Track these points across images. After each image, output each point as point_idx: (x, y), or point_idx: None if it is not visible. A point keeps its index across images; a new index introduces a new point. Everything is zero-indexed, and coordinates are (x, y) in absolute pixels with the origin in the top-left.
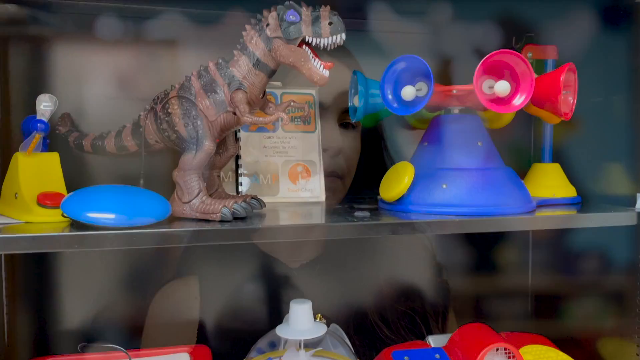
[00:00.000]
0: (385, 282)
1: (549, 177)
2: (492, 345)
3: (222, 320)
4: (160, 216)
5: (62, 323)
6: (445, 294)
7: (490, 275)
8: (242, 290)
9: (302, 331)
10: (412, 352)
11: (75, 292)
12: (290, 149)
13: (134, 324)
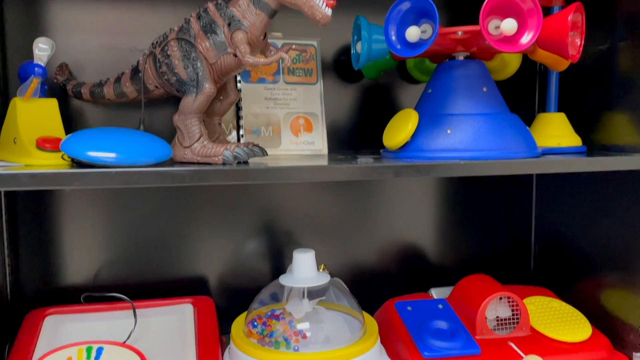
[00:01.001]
0: (387, 236)
1: (554, 127)
2: (495, 294)
3: (225, 273)
4: (161, 157)
5: (66, 274)
6: (448, 247)
7: (493, 229)
8: (244, 245)
9: (305, 279)
10: (415, 303)
11: (78, 245)
12: (291, 100)
13: (137, 278)
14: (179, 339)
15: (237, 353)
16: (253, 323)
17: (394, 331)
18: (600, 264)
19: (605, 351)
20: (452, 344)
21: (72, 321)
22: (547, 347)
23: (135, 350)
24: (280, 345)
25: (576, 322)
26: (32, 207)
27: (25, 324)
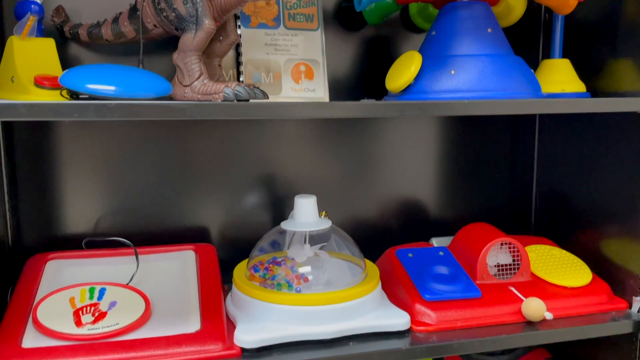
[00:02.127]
0: (388, 188)
1: (559, 73)
2: (496, 240)
3: (226, 223)
4: (161, 92)
5: (66, 223)
6: (449, 198)
7: (494, 181)
8: (245, 196)
9: (307, 224)
10: (416, 250)
11: (79, 193)
12: (292, 47)
13: (138, 227)
14: (182, 284)
15: (239, 295)
16: (255, 268)
17: (395, 277)
18: (601, 214)
19: (605, 296)
20: (453, 287)
21: (73, 265)
22: (547, 292)
23: (138, 291)
24: (282, 287)
25: (576, 268)
26: (32, 152)
27: (26, 268)
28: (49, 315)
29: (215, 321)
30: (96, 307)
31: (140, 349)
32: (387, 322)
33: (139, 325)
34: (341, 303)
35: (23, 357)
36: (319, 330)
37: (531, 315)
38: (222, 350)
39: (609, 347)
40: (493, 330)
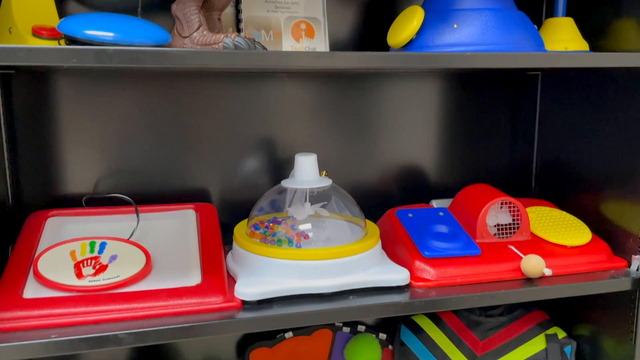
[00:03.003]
0: (389, 151)
1: (562, 31)
2: (496, 199)
3: (226, 185)
4: (160, 40)
5: (66, 183)
6: (449, 162)
7: (495, 144)
8: (245, 158)
9: (307, 181)
10: (416, 211)
11: (79, 154)
12: (293, 4)
13: (138, 187)
14: (182, 241)
15: (239, 251)
16: (255, 226)
17: (395, 236)
18: (601, 176)
19: (604, 254)
20: (452, 244)
21: (74, 222)
22: (547, 251)
23: (138, 246)
24: (283, 243)
25: (576, 228)
26: (31, 111)
27: (27, 224)
28: (49, 267)
29: (216, 275)
30: (97, 260)
31: (141, 300)
32: (387, 277)
33: (139, 278)
34: (341, 258)
35: (24, 307)
36: (319, 284)
37: (530, 271)
38: (222, 303)
39: (607, 307)
40: (492, 286)
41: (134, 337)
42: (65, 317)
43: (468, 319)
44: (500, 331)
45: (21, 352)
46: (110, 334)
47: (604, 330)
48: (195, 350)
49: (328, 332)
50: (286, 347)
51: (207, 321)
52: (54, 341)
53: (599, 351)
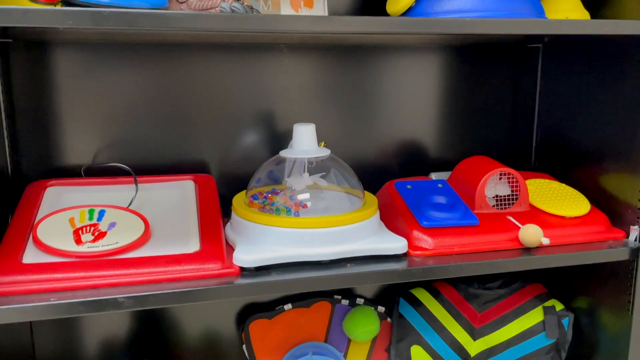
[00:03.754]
0: (388, 125)
1: (563, 1)
2: (495, 170)
3: (226, 158)
4: (157, 4)
5: (65, 154)
6: (449, 136)
7: (495, 118)
8: (244, 131)
9: (306, 151)
10: (414, 182)
11: (78, 124)
12: None
13: (137, 158)
14: (181, 210)
15: (238, 220)
16: (254, 197)
17: (394, 207)
18: (601, 149)
19: (603, 225)
20: (451, 214)
21: (73, 192)
22: (545, 221)
23: (137, 214)
24: (281, 212)
25: (575, 199)
26: (29, 82)
27: (26, 194)
28: (49, 233)
29: (214, 243)
30: (96, 227)
31: (140, 266)
32: (385, 246)
33: (138, 245)
34: (339, 226)
35: (24, 272)
36: (316, 252)
37: (528, 240)
38: (221, 269)
39: (605, 280)
40: (490, 256)
41: (133, 301)
42: (64, 281)
43: (466, 292)
44: (498, 304)
45: (20, 314)
46: (109, 298)
47: (601, 302)
48: (195, 323)
49: (327, 304)
50: (285, 319)
51: (205, 287)
52: (53, 304)
53: (596, 323)
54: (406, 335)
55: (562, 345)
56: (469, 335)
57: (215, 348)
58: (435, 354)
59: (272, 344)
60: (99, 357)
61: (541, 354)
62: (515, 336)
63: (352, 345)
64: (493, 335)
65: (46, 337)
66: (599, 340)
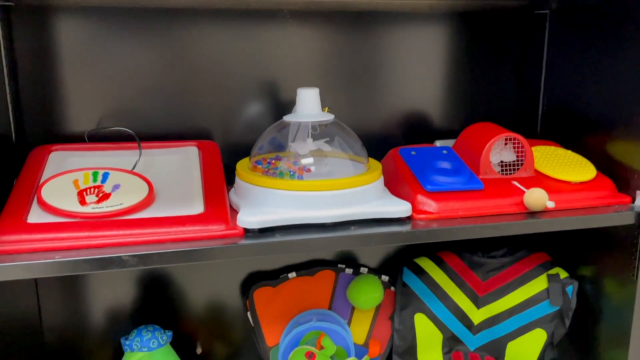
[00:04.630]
0: (393, 92)
1: None
2: (500, 135)
3: (229, 126)
4: None
5: (69, 120)
6: (454, 104)
7: (501, 86)
8: (248, 95)
9: (310, 115)
10: (419, 149)
11: (81, 90)
12: None
13: (141, 125)
14: (184, 175)
15: (242, 185)
16: (257, 162)
17: (398, 173)
18: (608, 116)
19: (609, 190)
20: (455, 178)
21: (77, 157)
22: (550, 187)
23: (141, 176)
24: (285, 176)
25: (581, 165)
26: (32, 46)
27: (30, 158)
28: (53, 195)
29: (218, 205)
30: (100, 189)
31: (144, 227)
32: (389, 209)
33: (143, 206)
34: (342, 189)
35: (28, 231)
36: (320, 215)
37: (533, 204)
38: (225, 230)
39: (610, 247)
40: (494, 219)
41: (137, 260)
42: (69, 240)
43: (470, 261)
44: (502, 272)
45: (25, 271)
46: (113, 256)
47: (606, 270)
48: (200, 291)
49: (331, 273)
50: (289, 287)
51: (210, 246)
52: (57, 262)
53: (601, 290)
54: (410, 304)
55: (566, 313)
56: (472, 304)
57: (220, 315)
58: (439, 321)
59: (276, 311)
60: (105, 324)
61: (545, 321)
62: (518, 304)
63: (356, 313)
64: (497, 303)
65: (52, 304)
66: (603, 308)
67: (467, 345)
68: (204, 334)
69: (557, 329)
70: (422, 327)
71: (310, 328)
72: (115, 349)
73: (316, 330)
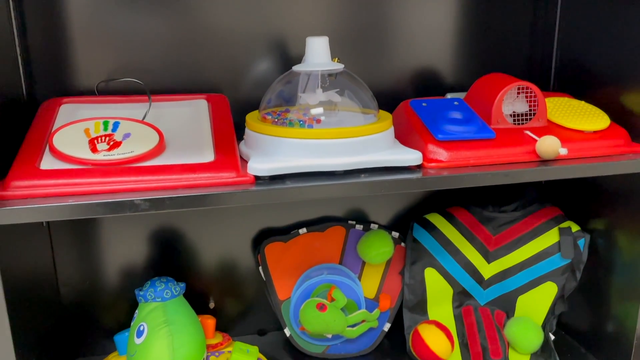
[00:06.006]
0: (403, 47)
1: None
2: (513, 84)
3: (238, 79)
4: None
5: (78, 75)
6: (466, 58)
7: (513, 40)
8: (257, 51)
9: (319, 64)
10: (430, 101)
11: (90, 42)
12: None
13: (150, 79)
14: (194, 126)
15: (252, 135)
16: (267, 114)
17: (409, 124)
18: (622, 68)
19: (622, 139)
20: (466, 127)
21: (87, 109)
22: (564, 136)
23: (151, 126)
24: (295, 125)
25: (595, 115)
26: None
27: (41, 111)
28: (64, 143)
29: (228, 154)
30: (111, 137)
31: (156, 174)
32: (399, 157)
33: (153, 155)
34: (353, 137)
35: (41, 177)
36: (330, 162)
37: (545, 151)
38: (235, 177)
39: (622, 201)
40: (506, 167)
41: (149, 204)
42: (81, 186)
43: (481, 215)
44: (513, 226)
45: (38, 214)
46: (126, 200)
47: (618, 223)
48: (212, 247)
49: (341, 229)
50: (300, 242)
51: (221, 191)
52: (70, 205)
53: (612, 244)
54: (420, 258)
55: (577, 266)
56: (483, 258)
57: (233, 271)
58: (449, 276)
59: (287, 266)
60: (119, 279)
61: (556, 274)
62: (529, 258)
63: (367, 268)
64: (507, 258)
65: (67, 259)
66: (615, 261)
67: (477, 300)
68: (216, 289)
69: (568, 282)
70: (433, 282)
71: (321, 281)
72: (129, 302)
73: (327, 283)
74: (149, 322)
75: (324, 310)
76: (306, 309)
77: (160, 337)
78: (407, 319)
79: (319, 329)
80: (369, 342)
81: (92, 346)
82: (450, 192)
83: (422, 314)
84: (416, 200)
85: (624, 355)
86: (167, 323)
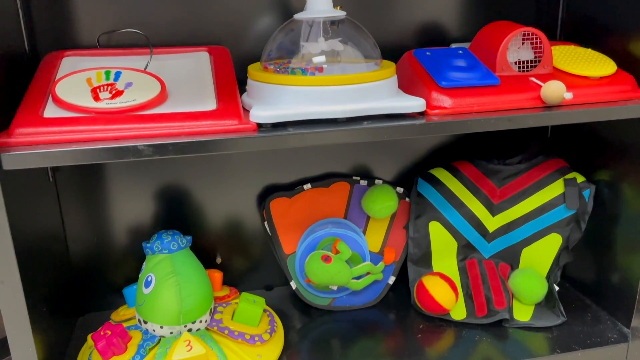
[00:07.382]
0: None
1: None
2: (518, 30)
3: (239, 32)
4: None
5: (81, 29)
6: (472, 8)
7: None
8: (258, 5)
9: (321, 11)
10: (434, 50)
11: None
12: None
13: (150, 33)
14: (196, 77)
15: (254, 84)
16: (269, 64)
17: (412, 74)
18: (630, 17)
19: (629, 85)
20: (470, 74)
21: (89, 61)
22: (569, 82)
23: (153, 75)
24: (297, 73)
25: (601, 61)
26: None
27: (43, 63)
28: (67, 92)
29: (231, 103)
30: (113, 86)
31: (159, 121)
32: (402, 104)
33: (156, 103)
34: (355, 84)
35: (45, 125)
36: (332, 109)
37: (550, 96)
38: (238, 125)
39: (629, 152)
40: (510, 113)
41: (152, 150)
42: (85, 133)
43: (485, 168)
44: (518, 178)
45: (43, 159)
46: (129, 145)
47: (624, 174)
48: (218, 205)
49: (345, 184)
50: (305, 198)
51: (224, 137)
52: (74, 150)
53: (618, 195)
54: (424, 212)
55: (582, 217)
56: (487, 211)
57: (239, 227)
58: (454, 229)
59: (292, 220)
60: (127, 236)
61: (560, 225)
62: (534, 209)
63: (371, 223)
64: (512, 210)
65: (75, 217)
66: (620, 212)
67: (481, 253)
68: (223, 245)
69: (573, 233)
70: (437, 235)
71: (326, 234)
72: (137, 257)
73: (332, 236)
74: (156, 273)
75: (329, 261)
76: (311, 261)
77: (168, 286)
78: (411, 272)
79: (324, 280)
80: (374, 294)
81: (101, 300)
82: (454, 146)
83: (426, 267)
84: (420, 156)
85: (628, 306)
86: (175, 274)
